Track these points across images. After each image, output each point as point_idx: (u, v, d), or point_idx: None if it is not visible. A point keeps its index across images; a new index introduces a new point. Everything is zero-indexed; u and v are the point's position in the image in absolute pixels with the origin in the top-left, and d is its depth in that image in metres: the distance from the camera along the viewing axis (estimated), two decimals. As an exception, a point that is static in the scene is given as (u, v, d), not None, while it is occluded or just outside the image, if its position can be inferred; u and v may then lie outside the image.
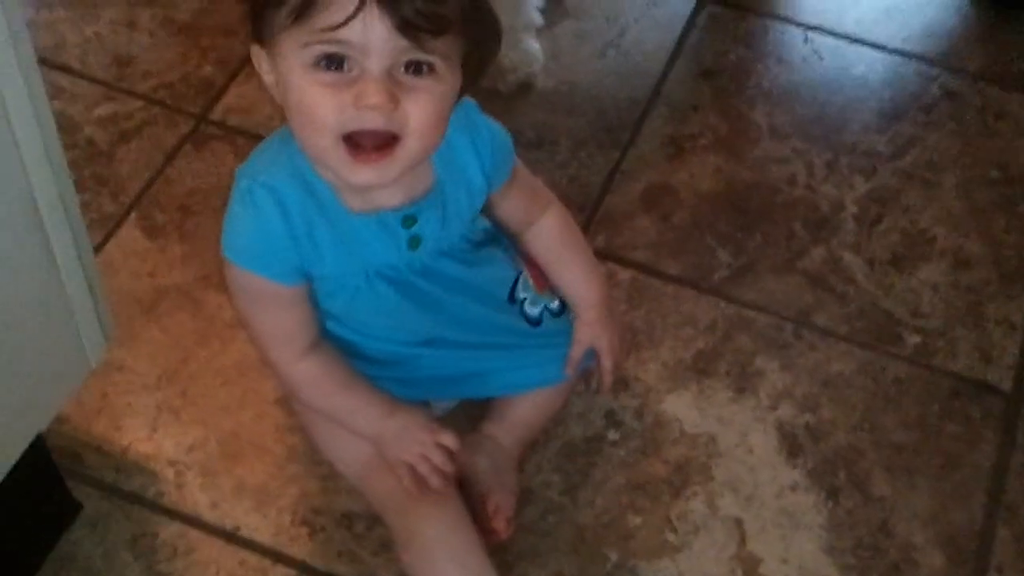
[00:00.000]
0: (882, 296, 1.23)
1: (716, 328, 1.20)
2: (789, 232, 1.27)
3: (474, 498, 1.02)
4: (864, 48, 1.44)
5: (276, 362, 0.96)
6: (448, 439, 0.96)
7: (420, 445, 0.95)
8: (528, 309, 1.03)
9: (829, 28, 1.46)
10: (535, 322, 1.04)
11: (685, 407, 1.14)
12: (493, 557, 0.99)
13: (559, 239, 1.03)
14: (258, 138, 1.16)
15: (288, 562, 1.03)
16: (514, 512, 1.03)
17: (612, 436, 1.12)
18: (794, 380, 1.16)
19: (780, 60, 1.43)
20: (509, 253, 1.03)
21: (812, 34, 1.45)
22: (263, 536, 1.04)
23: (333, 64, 0.80)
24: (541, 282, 1.04)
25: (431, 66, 0.81)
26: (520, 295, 1.02)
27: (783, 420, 1.14)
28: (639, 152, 1.33)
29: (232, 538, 1.04)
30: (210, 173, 1.27)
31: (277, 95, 0.86)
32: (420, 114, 0.81)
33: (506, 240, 1.03)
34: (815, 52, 1.44)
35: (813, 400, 1.15)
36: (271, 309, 0.93)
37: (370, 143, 0.82)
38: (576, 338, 1.04)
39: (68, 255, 0.87)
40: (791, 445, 1.12)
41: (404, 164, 0.84)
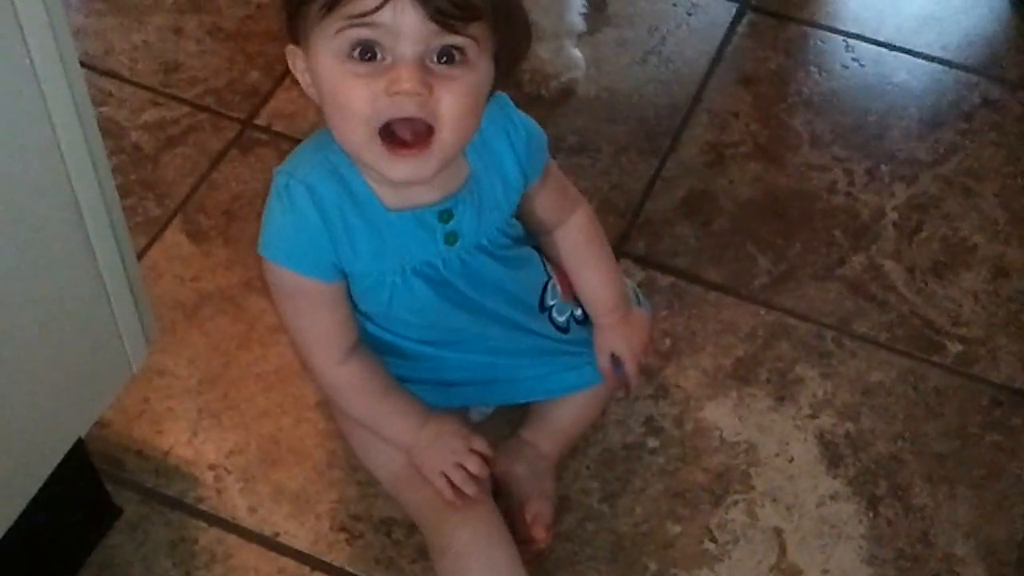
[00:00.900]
0: (923, 304, 1.19)
1: (756, 335, 1.16)
2: (829, 239, 1.23)
3: (512, 505, 0.99)
4: (904, 56, 1.40)
5: (316, 365, 0.94)
6: (481, 445, 0.94)
7: (454, 453, 0.93)
8: (556, 316, 1.01)
9: (869, 36, 1.42)
10: (563, 329, 1.01)
11: (725, 415, 1.10)
12: (531, 565, 0.96)
13: (586, 240, 1.00)
14: (301, 144, 1.14)
15: (326, 569, 1.00)
16: (552, 519, 0.99)
17: (652, 443, 1.08)
18: (834, 388, 1.12)
19: (820, 68, 1.39)
20: (540, 258, 1.00)
21: (852, 42, 1.42)
22: (302, 542, 1.02)
23: (366, 54, 0.79)
24: (567, 290, 1.01)
25: (463, 54, 0.80)
26: (549, 302, 1.00)
27: (823, 429, 1.10)
28: (679, 159, 1.30)
29: (271, 544, 1.01)
30: (255, 178, 1.25)
31: (312, 94, 0.85)
32: (453, 102, 0.80)
33: (537, 245, 1.01)
34: (855, 60, 1.40)
35: (854, 409, 1.11)
36: (309, 308, 0.91)
37: (406, 134, 0.81)
38: (597, 346, 1.01)
39: (111, 260, 0.86)
40: (832, 454, 1.08)
41: (440, 157, 0.82)
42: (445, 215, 0.89)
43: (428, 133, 0.80)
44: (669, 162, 1.29)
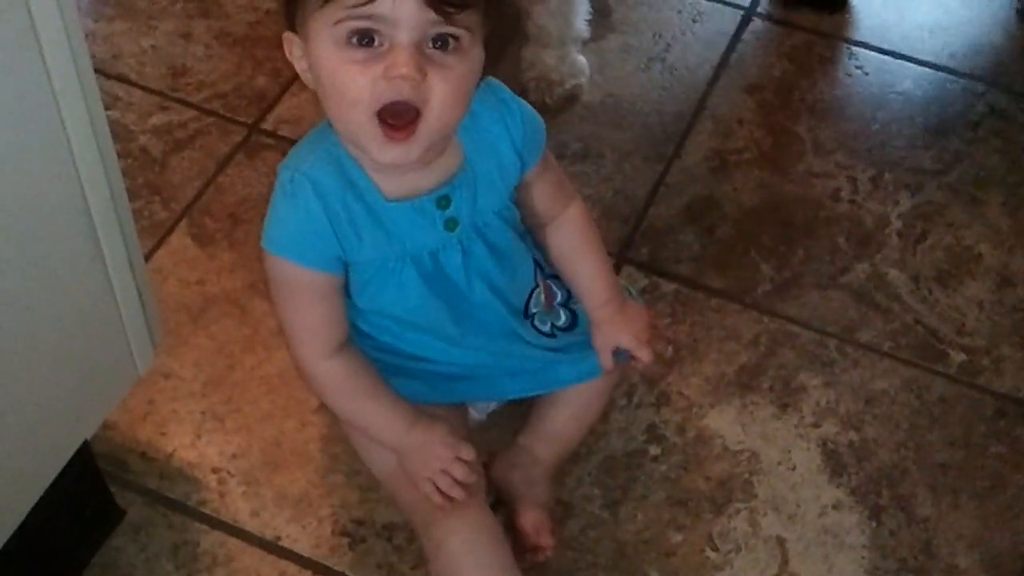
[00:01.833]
0: (927, 313, 1.16)
1: (759, 343, 1.13)
2: (833, 247, 1.21)
3: (509, 513, 0.96)
4: (909, 64, 1.38)
5: (302, 358, 0.92)
6: (468, 452, 0.91)
7: (439, 460, 0.91)
8: (538, 324, 0.99)
9: (874, 44, 1.40)
10: (549, 335, 0.99)
11: (728, 423, 1.08)
12: (531, 573, 0.94)
13: (581, 232, 0.98)
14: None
15: (328, 573, 0.98)
16: (551, 526, 0.97)
17: (654, 451, 1.06)
18: (837, 397, 1.10)
19: (825, 75, 1.37)
20: (533, 263, 0.98)
21: (857, 50, 1.39)
22: (303, 546, 0.99)
23: (364, 40, 0.79)
24: (550, 300, 0.99)
25: (457, 41, 0.80)
26: (532, 309, 0.98)
27: (826, 437, 1.07)
28: (683, 165, 1.27)
29: (272, 548, 0.99)
30: (261, 182, 1.24)
31: (309, 80, 0.85)
32: (443, 89, 0.80)
33: (531, 250, 0.99)
34: (860, 68, 1.37)
35: (857, 418, 1.08)
36: (305, 301, 0.90)
37: (399, 120, 0.81)
38: (599, 342, 0.98)
39: (119, 263, 0.85)
40: (834, 463, 1.05)
41: (425, 141, 0.82)
42: (443, 201, 0.88)
43: (415, 118, 0.81)
44: (673, 169, 1.27)
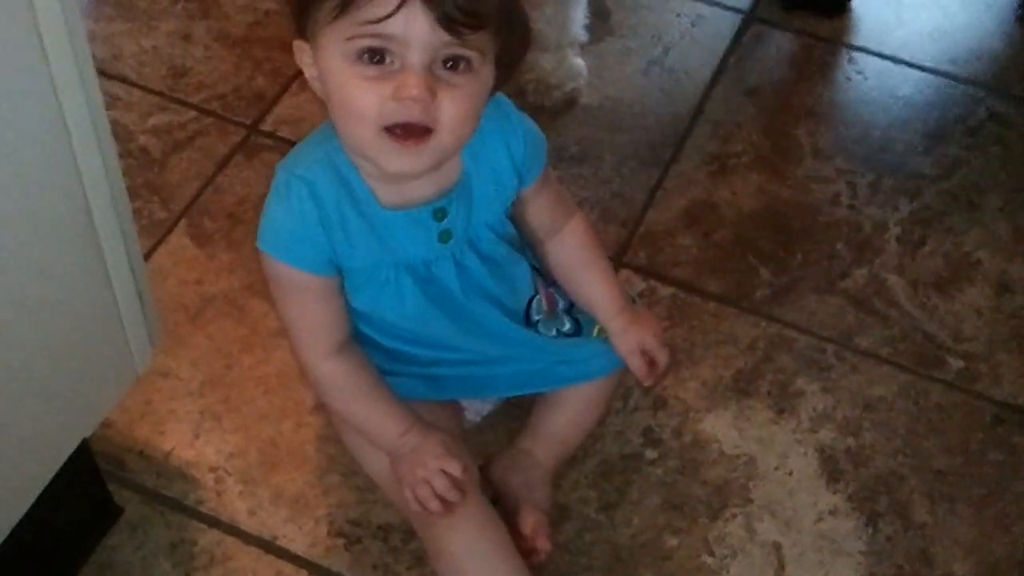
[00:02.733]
0: (925, 319, 1.15)
1: (757, 348, 1.12)
2: (831, 252, 1.20)
3: (507, 515, 0.96)
4: (909, 69, 1.37)
5: (304, 358, 0.92)
6: (454, 467, 0.90)
7: (424, 469, 0.90)
8: (542, 331, 0.98)
9: (874, 49, 1.39)
10: (555, 338, 0.98)
11: (724, 427, 1.07)
12: (527, 577, 0.93)
13: (585, 246, 0.98)
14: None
15: (324, 573, 0.98)
16: (549, 529, 0.96)
17: (650, 455, 1.05)
18: (835, 402, 1.09)
19: (825, 80, 1.36)
20: (529, 271, 0.98)
21: (857, 54, 1.38)
22: (299, 546, 0.99)
23: (375, 58, 0.79)
24: (552, 307, 0.99)
25: (468, 62, 0.80)
26: (534, 317, 0.97)
27: (823, 443, 1.06)
28: (681, 169, 1.27)
29: (269, 547, 0.99)
30: (259, 183, 1.23)
31: (318, 89, 0.85)
32: (454, 109, 0.80)
33: (528, 257, 0.98)
34: (860, 72, 1.37)
35: (854, 423, 1.08)
36: (302, 301, 0.90)
37: (408, 133, 0.81)
38: (626, 351, 0.97)
39: (119, 262, 0.85)
40: (831, 469, 1.05)
41: (436, 155, 0.82)
42: (439, 213, 0.88)
43: (425, 132, 0.80)
44: (671, 172, 1.26)
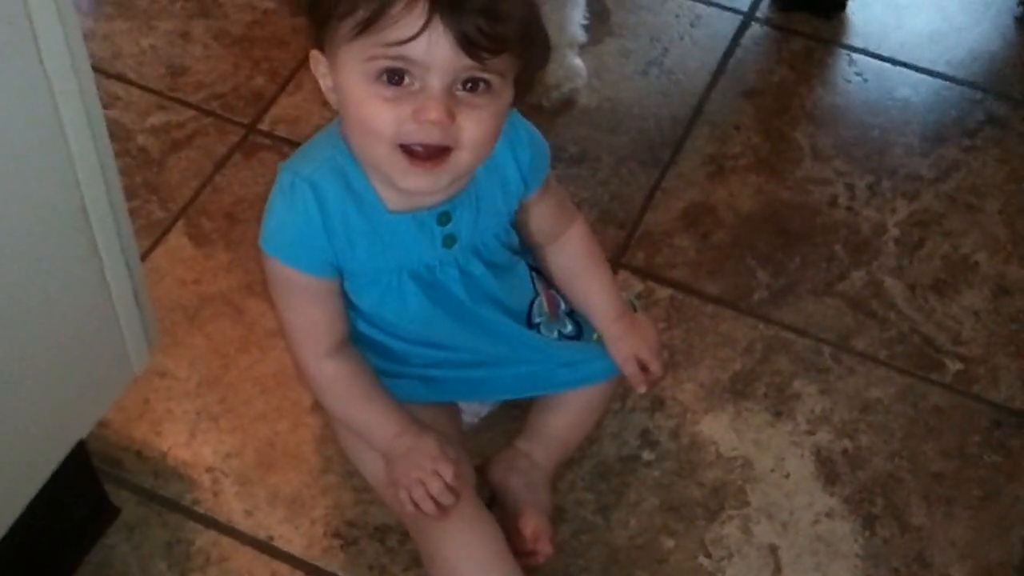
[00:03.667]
0: (923, 322, 1.15)
1: (754, 349, 1.12)
2: (829, 254, 1.20)
3: (507, 516, 0.96)
4: (908, 71, 1.37)
5: (302, 358, 0.92)
6: (447, 471, 0.89)
7: (419, 470, 0.90)
8: (544, 333, 0.98)
9: (873, 50, 1.39)
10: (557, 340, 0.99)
11: (721, 429, 1.07)
12: (523, 577, 0.93)
13: (586, 251, 0.98)
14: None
15: (320, 574, 0.98)
16: (550, 532, 0.96)
17: (647, 456, 1.05)
18: (832, 405, 1.09)
19: (823, 81, 1.36)
20: (529, 273, 0.98)
21: (856, 56, 1.38)
22: (296, 547, 0.99)
23: (394, 78, 0.78)
24: (553, 309, 0.99)
25: (488, 84, 0.80)
26: (536, 319, 0.97)
27: (820, 445, 1.06)
28: (680, 170, 1.27)
29: (265, 548, 0.99)
30: (257, 182, 1.23)
31: (333, 100, 0.84)
32: (475, 129, 0.80)
33: (526, 258, 0.98)
34: (859, 74, 1.37)
35: (851, 426, 1.08)
36: (301, 301, 0.90)
37: (421, 152, 0.81)
38: (619, 356, 0.97)
39: (116, 263, 0.85)
40: (828, 471, 1.05)
41: (454, 174, 0.83)
42: (443, 218, 0.88)
43: (444, 152, 0.80)
44: (669, 174, 1.26)
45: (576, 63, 1.31)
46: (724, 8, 1.42)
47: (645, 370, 0.97)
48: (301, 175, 0.85)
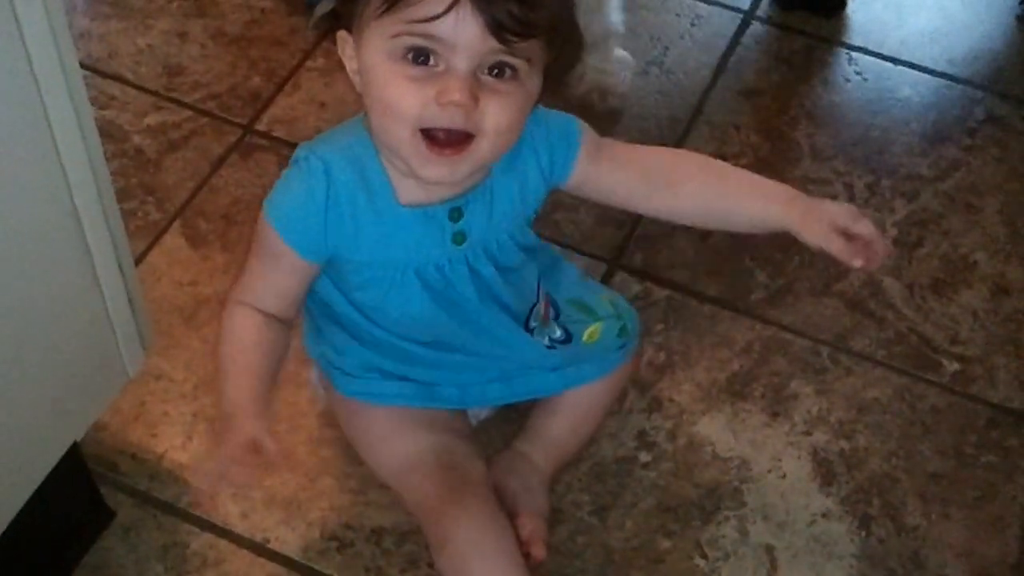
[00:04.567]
0: (921, 322, 1.16)
1: (752, 350, 1.14)
2: (828, 255, 1.20)
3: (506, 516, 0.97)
4: (908, 70, 1.38)
5: (232, 294, 0.91)
6: (234, 448, 0.84)
7: (228, 447, 0.85)
8: (537, 338, 0.98)
9: (873, 49, 1.40)
10: (549, 348, 0.99)
11: (718, 430, 1.08)
12: (519, 579, 0.94)
13: (708, 170, 0.93)
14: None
15: (316, 576, 0.99)
16: (547, 534, 0.98)
17: (644, 457, 1.06)
18: (829, 405, 1.10)
19: (823, 80, 1.37)
20: (537, 278, 0.98)
21: (856, 55, 1.39)
22: (292, 549, 1.00)
23: (419, 58, 0.78)
24: (547, 314, 0.99)
25: (514, 70, 0.79)
26: (531, 324, 0.97)
27: (817, 446, 1.08)
28: (679, 170, 1.27)
29: (261, 550, 1.00)
30: (254, 183, 1.24)
31: (357, 83, 0.83)
32: (498, 116, 0.79)
33: (538, 264, 0.98)
34: (859, 73, 1.38)
35: (848, 426, 1.09)
36: (271, 265, 0.89)
37: (445, 138, 0.80)
38: (819, 236, 0.87)
39: (109, 266, 0.85)
40: (825, 472, 1.06)
41: (475, 163, 0.82)
42: (455, 213, 0.87)
43: (466, 139, 0.80)
44: (669, 173, 1.27)
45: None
46: (724, 7, 1.43)
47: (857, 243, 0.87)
48: (317, 153, 0.85)
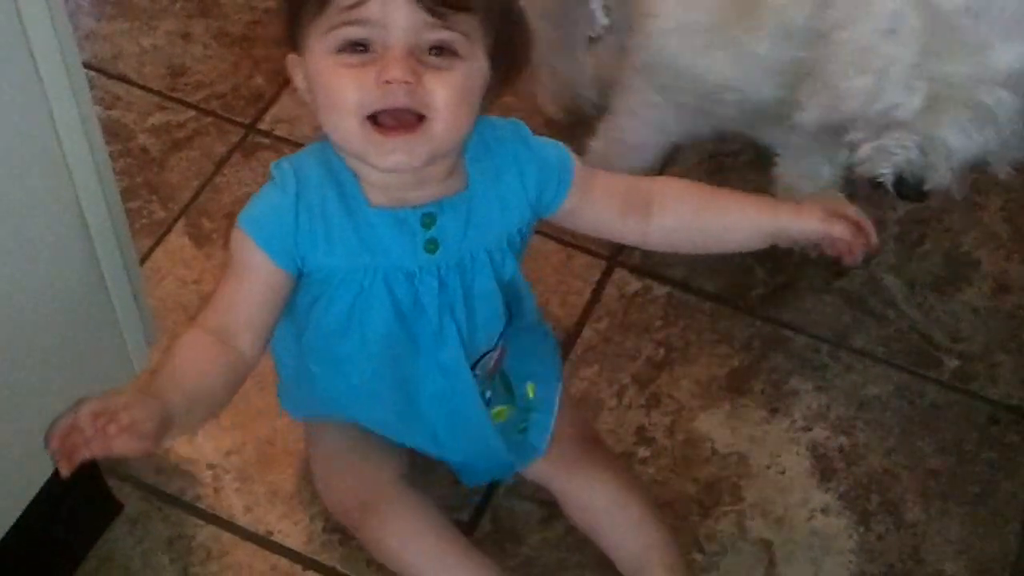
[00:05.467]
0: (921, 319, 1.18)
1: (752, 347, 1.16)
2: (824, 249, 1.22)
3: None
4: (911, 68, 1.39)
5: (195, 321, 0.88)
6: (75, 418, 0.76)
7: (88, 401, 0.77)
8: (478, 385, 0.96)
9: (876, 47, 1.41)
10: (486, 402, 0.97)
11: (717, 425, 1.10)
12: (516, 572, 0.97)
13: (688, 191, 0.94)
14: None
15: (319, 568, 1.01)
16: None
17: (642, 453, 1.09)
18: (829, 402, 1.12)
19: (825, 79, 1.38)
20: (504, 327, 0.96)
21: (858, 53, 1.40)
22: (295, 542, 1.02)
23: (358, 47, 0.80)
24: (495, 367, 0.98)
25: (453, 49, 0.81)
26: (477, 371, 0.95)
27: (816, 442, 1.10)
28: (680, 168, 1.29)
29: (265, 543, 1.02)
30: (257, 182, 1.24)
31: (309, 99, 0.85)
32: (444, 92, 0.80)
33: (504, 318, 0.96)
34: (861, 71, 1.39)
35: (848, 422, 1.11)
36: (240, 278, 0.87)
37: (391, 123, 0.80)
38: (816, 227, 0.89)
39: (114, 264, 0.87)
40: (824, 467, 1.08)
41: (432, 145, 0.81)
42: (427, 219, 0.86)
43: (418, 121, 0.80)
44: (668, 171, 1.27)
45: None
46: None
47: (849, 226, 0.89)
48: (287, 160, 0.88)
